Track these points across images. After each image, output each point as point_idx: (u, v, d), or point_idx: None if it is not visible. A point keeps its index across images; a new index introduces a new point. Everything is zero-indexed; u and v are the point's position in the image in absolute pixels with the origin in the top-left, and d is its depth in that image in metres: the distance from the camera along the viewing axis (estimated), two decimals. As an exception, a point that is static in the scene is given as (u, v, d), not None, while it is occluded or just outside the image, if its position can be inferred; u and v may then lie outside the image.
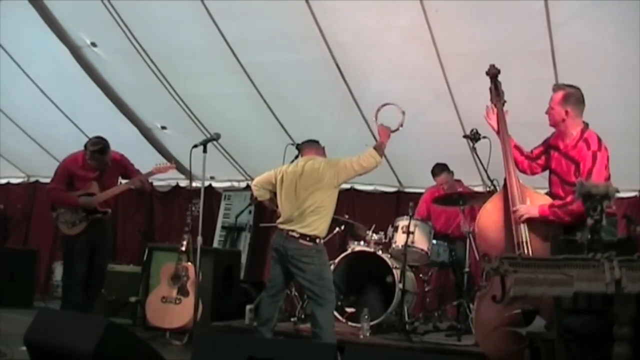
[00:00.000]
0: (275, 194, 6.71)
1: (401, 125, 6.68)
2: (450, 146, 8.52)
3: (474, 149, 7.14)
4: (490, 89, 6.03)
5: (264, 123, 9.59)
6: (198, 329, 6.73)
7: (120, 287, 8.89)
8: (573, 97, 5.59)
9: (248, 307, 8.07)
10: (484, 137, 7.00)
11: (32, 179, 12.42)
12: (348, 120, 9.05)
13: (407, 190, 10.23)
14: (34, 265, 10.63)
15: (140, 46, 8.85)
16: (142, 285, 8.64)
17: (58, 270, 11.23)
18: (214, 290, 8.38)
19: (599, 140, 5.48)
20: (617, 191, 4.09)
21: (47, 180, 11.40)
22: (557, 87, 5.75)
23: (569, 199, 5.35)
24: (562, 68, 7.42)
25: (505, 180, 5.81)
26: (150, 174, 7.97)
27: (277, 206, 6.72)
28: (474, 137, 7.02)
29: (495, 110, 5.99)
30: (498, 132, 6.02)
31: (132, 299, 8.65)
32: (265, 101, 9.28)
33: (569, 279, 3.68)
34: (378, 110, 6.88)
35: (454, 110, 8.49)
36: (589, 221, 3.96)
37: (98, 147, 7.57)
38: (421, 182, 9.39)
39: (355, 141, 9.19)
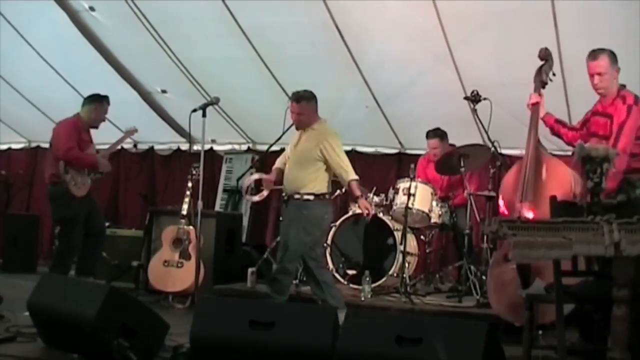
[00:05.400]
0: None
1: None
2: (451, 107, 8.49)
3: (474, 111, 7.13)
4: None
5: (264, 86, 9.55)
6: (200, 292, 6.78)
7: (122, 251, 8.91)
8: (614, 57, 5.67)
9: (250, 270, 8.10)
10: (485, 99, 7.01)
11: (33, 144, 12.37)
12: (348, 82, 9.01)
13: (408, 151, 10.19)
14: (36, 230, 10.67)
15: (139, 9, 8.78)
16: (144, 249, 8.66)
17: (61, 235, 11.26)
18: (216, 253, 8.41)
19: (637, 97, 5.56)
20: (617, 153, 4.08)
21: (49, 146, 11.52)
22: (599, 51, 5.72)
23: None
24: (564, 28, 7.36)
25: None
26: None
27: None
28: (474, 98, 7.03)
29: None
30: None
31: (135, 263, 8.65)
32: (265, 64, 9.23)
33: (568, 241, 3.69)
34: None
35: (454, 71, 8.44)
36: (589, 184, 3.95)
37: (103, 96, 7.90)
38: (422, 143, 9.31)
39: (355, 103, 9.21)
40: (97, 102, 7.87)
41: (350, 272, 7.90)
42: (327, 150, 6.60)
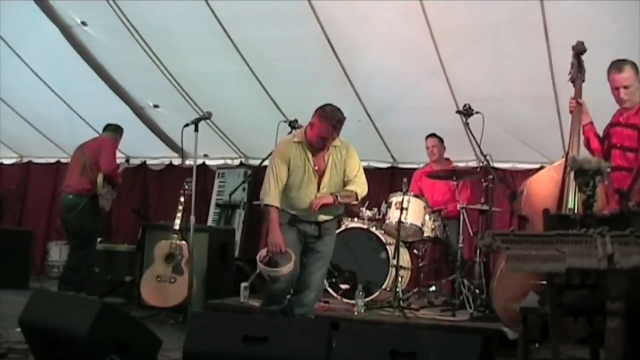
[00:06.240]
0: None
1: None
2: (443, 121, 8.51)
3: (466, 124, 7.13)
4: (573, 63, 5.80)
5: (257, 100, 9.56)
6: (193, 307, 6.75)
7: (115, 266, 8.91)
8: (636, 66, 5.49)
9: (243, 284, 8.06)
10: (477, 113, 7.01)
11: (25, 160, 12.38)
12: (340, 96, 8.93)
13: (400, 165, 10.20)
14: (29, 246, 10.62)
15: (131, 24, 8.78)
16: (137, 264, 8.64)
17: (53, 251, 11.22)
18: (209, 268, 8.36)
19: None
20: (609, 167, 4.08)
21: (41, 161, 11.74)
22: (623, 63, 5.52)
23: None
24: (555, 41, 7.37)
25: (567, 154, 5.62)
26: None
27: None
28: (466, 112, 7.03)
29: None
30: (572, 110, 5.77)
31: (127, 278, 8.65)
32: (257, 78, 9.24)
33: (562, 255, 3.68)
34: None
35: (446, 84, 8.46)
36: (582, 197, 3.95)
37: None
38: (415, 157, 9.40)
39: (348, 117, 9.08)
40: (119, 133, 8.53)
41: (343, 286, 7.87)
42: (354, 163, 6.47)
